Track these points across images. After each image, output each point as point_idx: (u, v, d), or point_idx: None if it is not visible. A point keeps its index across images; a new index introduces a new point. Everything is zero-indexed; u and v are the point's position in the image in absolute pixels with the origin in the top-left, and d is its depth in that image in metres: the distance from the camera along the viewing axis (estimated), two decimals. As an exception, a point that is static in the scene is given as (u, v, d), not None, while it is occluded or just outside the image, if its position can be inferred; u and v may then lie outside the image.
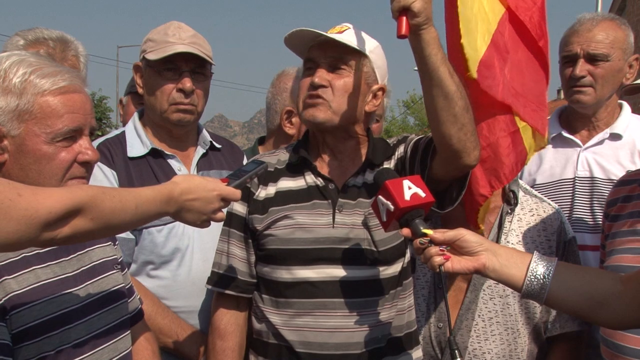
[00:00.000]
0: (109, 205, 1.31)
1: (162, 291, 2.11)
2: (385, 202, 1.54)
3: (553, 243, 2.14)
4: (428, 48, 1.55)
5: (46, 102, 1.45)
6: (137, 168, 2.15)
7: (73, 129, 1.49)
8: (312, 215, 1.83)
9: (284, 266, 1.82)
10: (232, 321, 1.93)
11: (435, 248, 1.53)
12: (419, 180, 1.58)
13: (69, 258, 1.55)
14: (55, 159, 1.47)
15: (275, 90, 2.67)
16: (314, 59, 1.85)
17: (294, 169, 1.92)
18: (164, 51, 2.11)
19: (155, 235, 2.09)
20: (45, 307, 1.43)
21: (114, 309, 1.63)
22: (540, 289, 1.54)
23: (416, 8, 1.50)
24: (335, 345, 1.77)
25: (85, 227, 1.28)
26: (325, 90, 1.81)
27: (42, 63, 1.48)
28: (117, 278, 1.68)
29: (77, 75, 1.53)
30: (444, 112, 1.60)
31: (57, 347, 1.44)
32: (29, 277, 1.43)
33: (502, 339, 2.07)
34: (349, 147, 1.92)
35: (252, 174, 1.73)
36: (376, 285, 1.81)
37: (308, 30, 1.81)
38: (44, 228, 1.20)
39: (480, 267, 1.55)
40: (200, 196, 1.54)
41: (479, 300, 2.09)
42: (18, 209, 1.15)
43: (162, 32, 2.18)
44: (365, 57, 1.84)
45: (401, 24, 1.53)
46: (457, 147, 1.64)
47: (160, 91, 2.17)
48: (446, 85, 1.58)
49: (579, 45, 2.41)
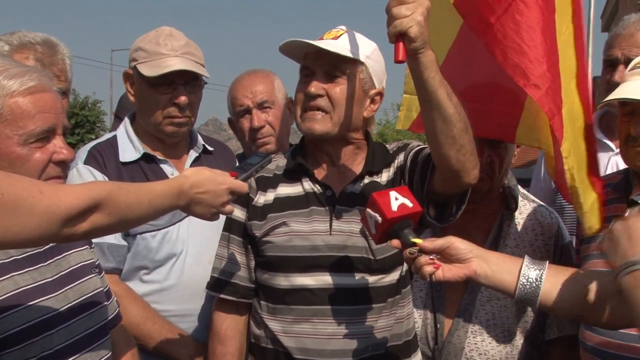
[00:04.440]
0: (124, 200, 1.36)
1: (155, 295, 2.14)
2: (373, 214, 1.57)
3: (550, 247, 2.17)
4: (426, 72, 1.55)
5: (16, 103, 1.45)
6: (129, 173, 2.17)
7: (46, 129, 1.50)
8: (309, 222, 1.85)
9: (281, 273, 1.86)
10: (232, 326, 1.97)
11: (425, 257, 1.55)
12: (406, 191, 1.60)
13: (47, 263, 1.57)
14: (29, 160, 1.48)
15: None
16: (310, 67, 1.87)
17: (292, 175, 1.94)
18: (157, 67, 2.11)
19: (149, 241, 2.12)
20: (25, 314, 1.45)
21: (94, 314, 1.65)
22: (533, 293, 1.56)
23: (412, 33, 1.48)
24: (332, 352, 1.80)
25: (103, 222, 1.32)
26: (322, 99, 1.83)
27: (7, 64, 1.49)
28: (95, 282, 1.71)
29: (45, 75, 1.54)
30: (443, 135, 1.61)
31: (39, 353, 1.46)
32: (7, 284, 1.45)
33: (499, 341, 2.11)
34: (347, 153, 1.93)
35: (257, 166, 1.80)
36: (374, 293, 1.84)
37: (301, 41, 1.82)
38: (64, 224, 1.24)
39: (472, 274, 1.57)
40: (209, 189, 1.58)
41: (477, 302, 2.12)
42: (41, 206, 1.20)
43: (153, 40, 2.17)
44: (361, 64, 1.85)
45: (398, 50, 1.52)
46: (456, 167, 1.65)
47: (155, 104, 2.17)
48: (444, 107, 1.58)
49: (620, 50, 2.38)
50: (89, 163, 2.14)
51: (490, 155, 2.11)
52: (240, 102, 2.57)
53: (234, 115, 2.65)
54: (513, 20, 1.81)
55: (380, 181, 1.90)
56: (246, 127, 2.57)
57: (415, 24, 1.48)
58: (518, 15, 1.80)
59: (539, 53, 1.81)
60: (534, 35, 1.81)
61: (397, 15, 1.49)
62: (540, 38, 1.82)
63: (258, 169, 1.81)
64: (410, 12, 1.48)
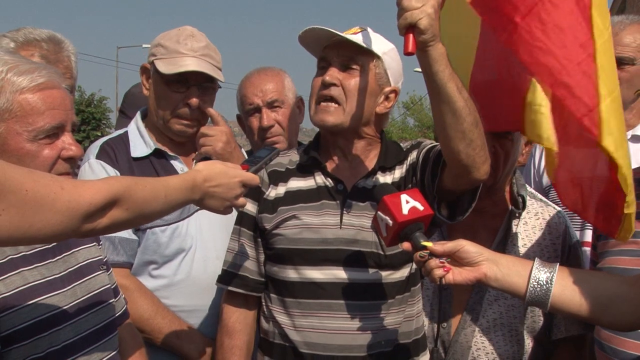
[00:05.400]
0: (141, 195, 1.38)
1: (163, 290, 2.17)
2: (384, 217, 1.59)
3: (558, 247, 2.16)
4: (435, 65, 1.55)
5: (25, 100, 1.46)
6: (140, 168, 2.18)
7: (55, 126, 1.51)
8: (320, 215, 1.87)
9: (291, 266, 1.87)
10: (240, 319, 1.98)
11: (435, 260, 1.56)
12: (417, 194, 1.61)
13: (56, 259, 1.59)
14: (38, 157, 1.49)
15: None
16: (327, 58, 1.89)
17: (305, 169, 1.96)
18: (174, 65, 2.15)
19: (159, 236, 2.14)
20: (33, 310, 1.46)
21: (102, 310, 1.67)
22: (544, 296, 1.56)
23: (422, 25, 1.50)
24: (338, 347, 1.81)
25: (121, 217, 1.34)
26: (336, 88, 1.85)
27: (17, 61, 1.50)
28: (103, 279, 1.73)
29: (54, 72, 1.55)
30: (452, 129, 1.62)
31: (47, 349, 1.47)
32: (16, 279, 1.46)
33: (506, 340, 2.11)
34: (359, 148, 1.95)
35: (267, 159, 1.83)
36: (382, 289, 1.85)
37: (321, 28, 1.84)
38: (85, 219, 1.26)
39: (482, 277, 1.57)
40: (222, 182, 1.60)
41: (484, 301, 2.12)
42: (62, 202, 1.21)
43: (174, 38, 2.19)
44: (377, 58, 1.87)
45: (407, 42, 1.53)
46: (466, 162, 1.66)
47: (166, 101, 2.20)
48: (454, 101, 1.58)
49: None
50: (101, 158, 2.16)
51: (495, 146, 2.08)
52: (250, 100, 2.57)
53: (243, 113, 2.65)
54: (540, 20, 1.77)
55: (392, 177, 1.91)
56: (255, 125, 2.57)
57: (426, 15, 1.49)
58: (545, 14, 1.76)
59: (567, 52, 1.75)
60: (562, 35, 1.76)
61: (408, 7, 1.50)
62: (570, 37, 1.76)
63: (267, 161, 1.84)
64: (421, 4, 1.50)
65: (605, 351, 1.80)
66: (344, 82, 1.84)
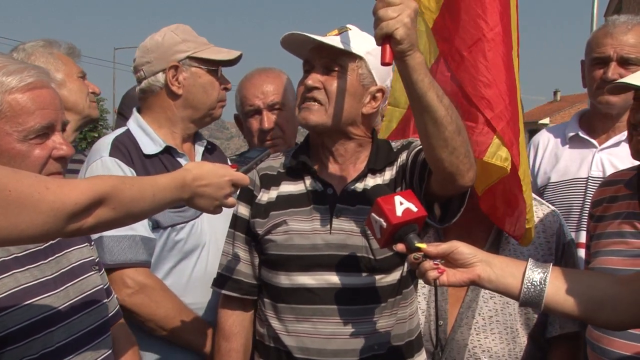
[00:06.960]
0: (128, 195, 1.38)
1: (179, 288, 2.17)
2: (378, 219, 1.59)
3: (552, 245, 2.19)
4: (414, 74, 1.55)
5: (15, 100, 1.46)
6: (152, 166, 2.18)
7: (45, 126, 1.51)
8: (310, 220, 1.88)
9: (283, 272, 1.88)
10: (237, 322, 2.00)
11: (429, 262, 1.57)
12: (410, 195, 1.62)
13: (48, 261, 1.60)
14: (29, 157, 1.49)
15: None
16: (310, 61, 1.90)
17: (295, 172, 1.96)
18: (221, 52, 2.27)
19: (177, 233, 2.15)
20: (26, 311, 1.47)
21: (95, 311, 1.68)
22: (537, 296, 1.57)
23: (399, 35, 1.49)
24: (332, 351, 1.83)
25: (107, 217, 1.34)
26: (319, 92, 1.85)
27: (5, 61, 1.50)
28: (95, 279, 1.73)
29: (43, 71, 1.55)
30: (434, 138, 1.62)
31: (40, 350, 1.48)
32: (9, 281, 1.47)
33: (502, 337, 2.14)
34: (349, 150, 1.94)
35: (257, 159, 1.84)
36: (374, 293, 1.86)
37: (299, 34, 1.83)
38: (70, 219, 1.26)
39: (475, 279, 1.59)
40: (212, 182, 1.60)
41: (480, 298, 2.15)
42: (46, 202, 1.21)
43: (190, 33, 2.28)
44: (359, 59, 1.85)
45: (385, 52, 1.53)
46: (450, 170, 1.66)
47: (213, 88, 2.28)
48: (435, 110, 1.58)
49: (612, 48, 2.47)
50: (115, 155, 2.13)
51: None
52: (250, 101, 2.57)
53: (242, 114, 2.65)
54: (484, 56, 1.98)
55: (383, 179, 1.91)
56: (255, 127, 2.58)
57: (402, 25, 1.48)
58: (489, 51, 1.98)
59: (504, 88, 1.99)
60: (500, 72, 1.99)
61: (384, 17, 1.49)
62: (504, 74, 2.00)
63: (258, 162, 1.85)
64: (397, 14, 1.49)
65: (595, 351, 1.84)
66: (326, 84, 1.84)
